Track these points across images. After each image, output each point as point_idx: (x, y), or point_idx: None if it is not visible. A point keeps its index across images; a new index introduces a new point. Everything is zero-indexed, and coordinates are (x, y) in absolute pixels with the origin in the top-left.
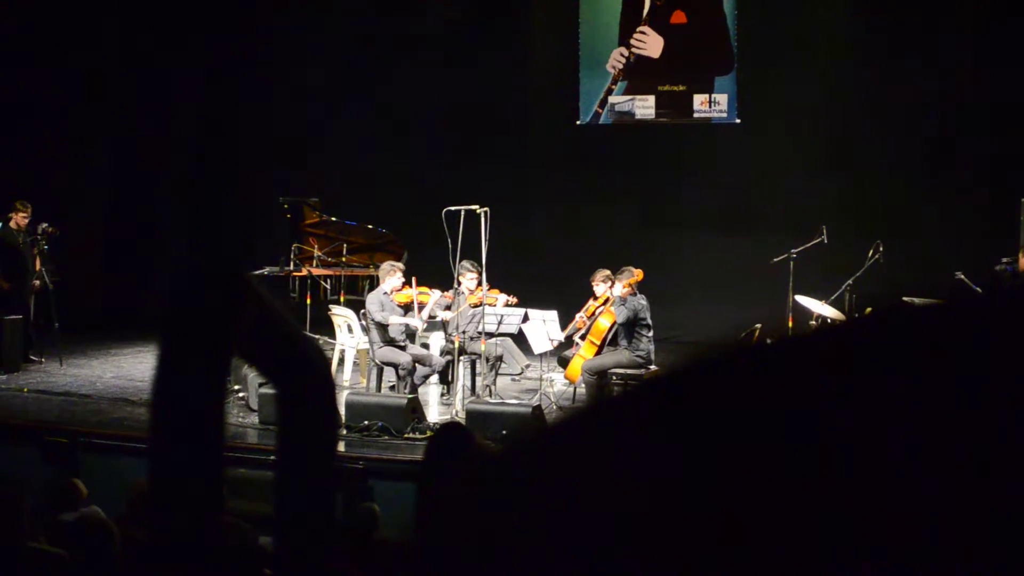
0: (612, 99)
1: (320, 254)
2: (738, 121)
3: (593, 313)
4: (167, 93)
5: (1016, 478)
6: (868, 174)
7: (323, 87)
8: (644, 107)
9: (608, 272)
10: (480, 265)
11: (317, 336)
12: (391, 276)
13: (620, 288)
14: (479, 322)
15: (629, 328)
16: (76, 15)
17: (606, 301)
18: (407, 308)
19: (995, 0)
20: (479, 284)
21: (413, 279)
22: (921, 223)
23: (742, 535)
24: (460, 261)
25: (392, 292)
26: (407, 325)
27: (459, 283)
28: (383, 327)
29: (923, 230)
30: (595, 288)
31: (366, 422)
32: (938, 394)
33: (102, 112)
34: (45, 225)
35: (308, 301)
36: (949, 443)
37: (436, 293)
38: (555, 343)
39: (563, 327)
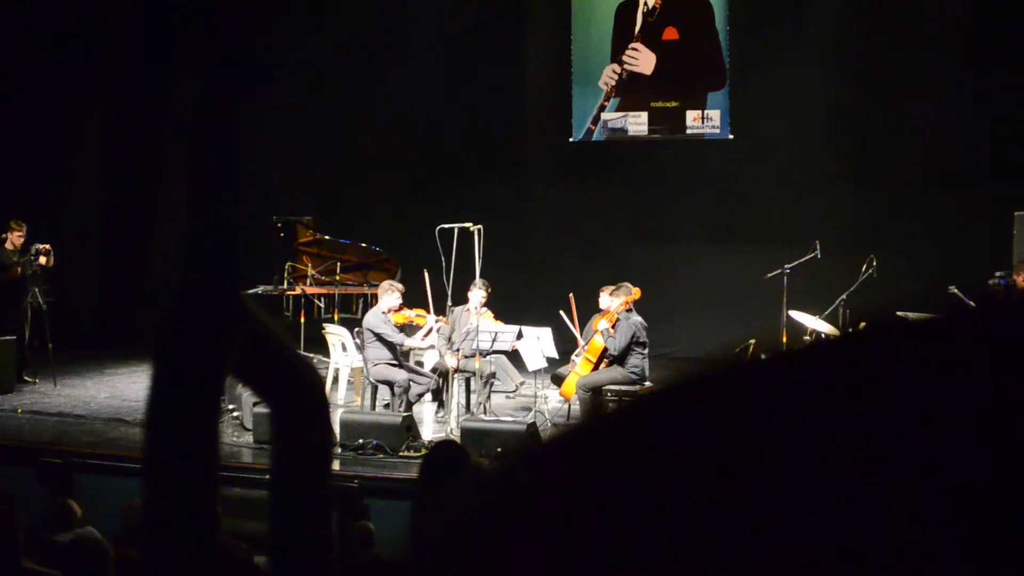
0: (605, 116)
1: (314, 273)
2: (731, 137)
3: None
4: (161, 106)
5: (1015, 490)
6: (861, 189)
7: (317, 105)
8: (637, 123)
9: (614, 287)
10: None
11: (311, 355)
12: (389, 294)
13: (616, 304)
14: (473, 339)
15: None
16: (67, 24)
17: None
18: (403, 329)
19: (989, 13)
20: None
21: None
22: (914, 237)
23: (737, 551)
24: (451, 279)
25: (389, 311)
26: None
27: (467, 299)
28: (389, 344)
29: (916, 244)
30: (603, 300)
31: (361, 440)
32: (934, 407)
33: (95, 127)
34: (39, 245)
35: (302, 320)
36: (946, 455)
37: (432, 318)
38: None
39: (556, 345)
